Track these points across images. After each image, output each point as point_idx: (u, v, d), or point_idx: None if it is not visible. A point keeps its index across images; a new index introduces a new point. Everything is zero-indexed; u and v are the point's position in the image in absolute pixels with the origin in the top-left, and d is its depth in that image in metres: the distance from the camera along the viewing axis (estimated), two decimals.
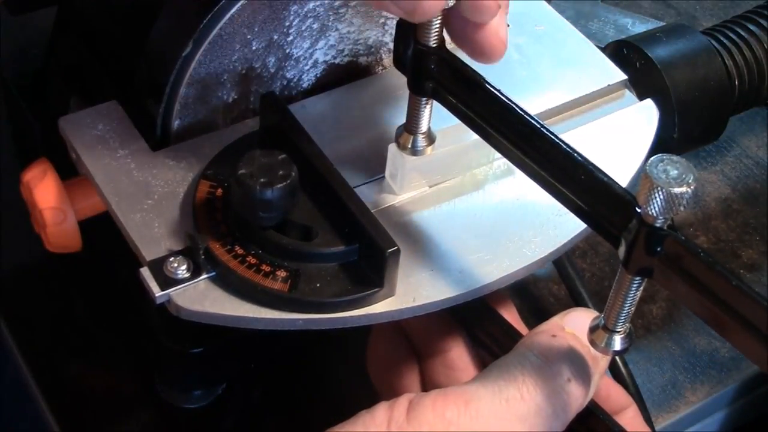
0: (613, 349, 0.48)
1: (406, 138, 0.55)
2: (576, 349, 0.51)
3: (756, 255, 0.77)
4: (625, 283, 0.46)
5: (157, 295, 0.51)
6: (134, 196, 0.55)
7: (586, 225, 0.49)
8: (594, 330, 0.48)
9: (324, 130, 0.59)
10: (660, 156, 0.43)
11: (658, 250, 0.44)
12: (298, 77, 0.61)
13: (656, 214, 0.43)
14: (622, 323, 0.47)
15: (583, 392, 0.50)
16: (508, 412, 0.48)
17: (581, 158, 0.48)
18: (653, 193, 0.43)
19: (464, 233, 0.56)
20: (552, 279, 0.74)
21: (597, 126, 0.61)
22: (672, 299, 0.74)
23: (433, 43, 0.51)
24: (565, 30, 0.66)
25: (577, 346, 0.51)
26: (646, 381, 0.70)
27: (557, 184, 0.49)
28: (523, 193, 0.57)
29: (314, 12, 0.59)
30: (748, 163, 0.83)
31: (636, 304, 0.47)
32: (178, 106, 0.57)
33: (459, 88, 0.52)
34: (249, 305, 0.51)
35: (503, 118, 0.50)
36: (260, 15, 0.57)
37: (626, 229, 0.45)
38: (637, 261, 0.45)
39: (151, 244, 0.53)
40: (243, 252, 0.52)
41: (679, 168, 0.43)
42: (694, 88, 0.66)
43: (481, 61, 0.52)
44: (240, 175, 0.50)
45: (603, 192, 0.47)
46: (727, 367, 0.72)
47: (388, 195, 0.57)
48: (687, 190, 0.42)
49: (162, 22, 0.58)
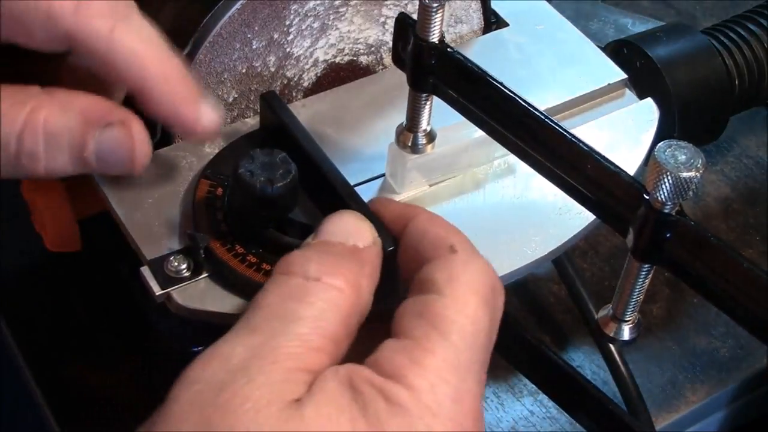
0: (621, 339, 0.48)
1: (406, 136, 0.55)
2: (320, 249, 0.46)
3: (756, 255, 0.77)
4: (634, 272, 0.46)
5: (158, 294, 0.51)
6: (135, 195, 0.55)
7: (594, 215, 0.49)
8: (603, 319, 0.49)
9: (324, 129, 0.59)
10: (668, 141, 0.43)
11: (667, 236, 0.44)
12: (299, 76, 0.61)
13: (665, 199, 0.43)
14: (630, 312, 0.48)
15: (338, 283, 0.45)
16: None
17: (587, 148, 0.48)
18: (662, 178, 0.43)
19: (464, 232, 0.55)
20: (552, 278, 0.74)
21: (597, 125, 0.61)
22: (672, 299, 0.74)
23: (434, 37, 0.51)
24: (566, 29, 0.66)
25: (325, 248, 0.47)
26: (646, 381, 0.70)
27: (563, 174, 0.49)
28: (524, 192, 0.58)
29: (314, 11, 0.59)
30: (748, 163, 0.83)
31: (644, 293, 0.47)
32: None
33: (461, 82, 0.52)
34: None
35: (507, 111, 0.50)
36: (260, 14, 0.57)
37: (634, 217, 0.45)
38: (645, 248, 0.45)
39: (151, 243, 0.53)
40: (243, 251, 0.52)
41: (687, 153, 0.43)
42: (695, 87, 0.66)
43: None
44: (240, 174, 0.50)
45: (610, 180, 0.47)
46: (727, 367, 0.72)
47: (388, 194, 0.57)
48: (696, 174, 0.42)
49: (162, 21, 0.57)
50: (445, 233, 0.48)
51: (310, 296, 0.44)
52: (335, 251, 0.46)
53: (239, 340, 0.42)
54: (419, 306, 0.45)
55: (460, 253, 0.46)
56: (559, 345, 0.72)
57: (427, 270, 0.46)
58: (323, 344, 0.43)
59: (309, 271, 0.44)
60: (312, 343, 0.43)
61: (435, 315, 0.44)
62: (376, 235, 0.48)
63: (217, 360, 0.42)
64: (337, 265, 0.45)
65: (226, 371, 0.41)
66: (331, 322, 0.43)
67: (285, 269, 0.45)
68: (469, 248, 0.47)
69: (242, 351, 0.42)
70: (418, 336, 0.43)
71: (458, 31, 0.65)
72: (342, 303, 0.44)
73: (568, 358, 0.71)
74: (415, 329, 0.44)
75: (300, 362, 0.42)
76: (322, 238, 0.47)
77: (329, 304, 0.44)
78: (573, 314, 0.72)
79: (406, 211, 0.50)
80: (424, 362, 0.42)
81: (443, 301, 0.44)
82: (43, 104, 0.49)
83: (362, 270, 0.46)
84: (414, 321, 0.44)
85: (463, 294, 0.45)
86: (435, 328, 0.44)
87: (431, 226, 0.48)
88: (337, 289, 0.44)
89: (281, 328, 0.43)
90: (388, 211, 0.50)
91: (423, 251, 0.47)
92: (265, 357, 0.42)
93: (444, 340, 0.43)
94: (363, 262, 0.46)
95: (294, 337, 0.42)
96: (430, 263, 0.46)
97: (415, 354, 0.43)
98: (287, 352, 0.42)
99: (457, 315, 0.44)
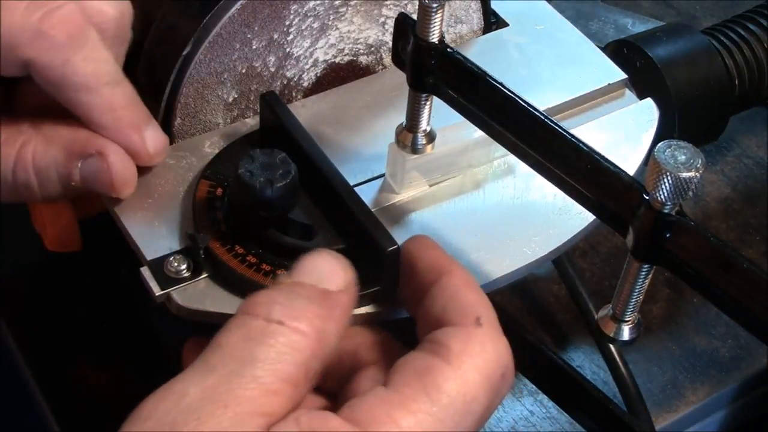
0: (621, 339, 0.48)
1: (406, 136, 0.55)
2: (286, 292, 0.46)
3: (756, 255, 0.77)
4: (633, 272, 0.46)
5: (157, 294, 0.51)
6: (134, 196, 0.55)
7: (594, 215, 0.49)
8: (603, 319, 0.49)
9: (324, 129, 0.59)
10: (668, 141, 0.43)
11: (667, 236, 0.44)
12: (299, 76, 0.61)
13: (664, 199, 0.43)
14: (630, 312, 0.48)
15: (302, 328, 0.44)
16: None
17: (587, 148, 0.48)
18: (661, 178, 0.43)
19: (464, 232, 0.56)
20: (552, 278, 0.74)
21: (597, 125, 0.61)
22: (672, 299, 0.74)
23: (434, 37, 0.51)
24: (566, 29, 0.66)
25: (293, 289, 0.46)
26: (646, 381, 0.70)
27: (563, 174, 0.49)
28: (523, 192, 0.58)
29: (314, 11, 0.59)
30: (748, 163, 0.83)
31: (644, 293, 0.47)
32: (178, 105, 0.57)
33: (461, 82, 0.52)
34: None
35: (507, 111, 0.50)
36: (260, 14, 0.57)
37: (634, 217, 0.45)
38: (645, 248, 0.45)
39: (151, 243, 0.53)
40: (243, 251, 0.52)
41: (687, 153, 0.43)
42: (695, 87, 0.66)
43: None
44: (240, 174, 0.50)
45: (610, 180, 0.47)
46: (727, 367, 0.72)
47: (388, 194, 0.57)
48: (695, 174, 0.42)
49: (162, 21, 0.58)
50: (475, 302, 0.47)
51: (270, 338, 0.43)
52: (304, 294, 0.45)
53: (195, 379, 0.42)
54: (421, 365, 0.44)
55: (484, 328, 0.46)
56: (559, 345, 0.72)
57: (445, 333, 0.46)
58: (280, 387, 0.42)
59: (272, 313, 0.44)
60: (269, 386, 0.42)
61: (432, 381, 0.44)
62: (351, 279, 0.47)
63: (170, 398, 0.41)
64: (303, 309, 0.44)
65: (178, 410, 0.41)
66: (290, 364, 0.43)
67: (249, 309, 0.44)
68: (495, 325, 0.47)
69: (195, 391, 0.41)
70: (407, 395, 0.43)
71: (458, 31, 0.65)
72: (303, 346, 0.43)
73: (568, 358, 0.71)
74: (408, 387, 0.44)
75: (254, 406, 0.41)
76: (295, 278, 0.46)
77: (288, 348, 0.43)
78: (573, 314, 0.72)
79: (443, 263, 0.49)
80: (400, 422, 0.42)
81: (446, 371, 0.44)
82: (31, 139, 0.53)
83: (330, 314, 0.45)
84: (410, 377, 0.44)
85: (469, 371, 0.44)
86: (426, 393, 0.43)
87: (463, 290, 0.48)
88: (300, 332, 0.43)
89: (238, 369, 0.42)
90: (425, 256, 0.50)
91: (448, 312, 0.47)
92: (217, 400, 0.41)
93: (429, 407, 0.43)
94: (332, 306, 0.45)
95: (250, 379, 0.42)
96: (450, 327, 0.46)
97: (395, 411, 0.43)
98: (241, 395, 0.41)
99: (454, 389, 0.44)
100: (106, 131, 0.53)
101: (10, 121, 0.53)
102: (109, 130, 0.53)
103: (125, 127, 0.53)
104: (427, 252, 0.50)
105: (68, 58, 0.51)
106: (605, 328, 0.48)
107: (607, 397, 0.53)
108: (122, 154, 0.53)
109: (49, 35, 0.50)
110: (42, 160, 0.53)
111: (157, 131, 0.55)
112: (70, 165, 0.53)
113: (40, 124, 0.53)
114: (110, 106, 0.53)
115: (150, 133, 0.54)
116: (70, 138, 0.53)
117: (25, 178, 0.53)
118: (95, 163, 0.53)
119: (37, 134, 0.53)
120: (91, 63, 0.52)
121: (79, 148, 0.53)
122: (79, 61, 0.51)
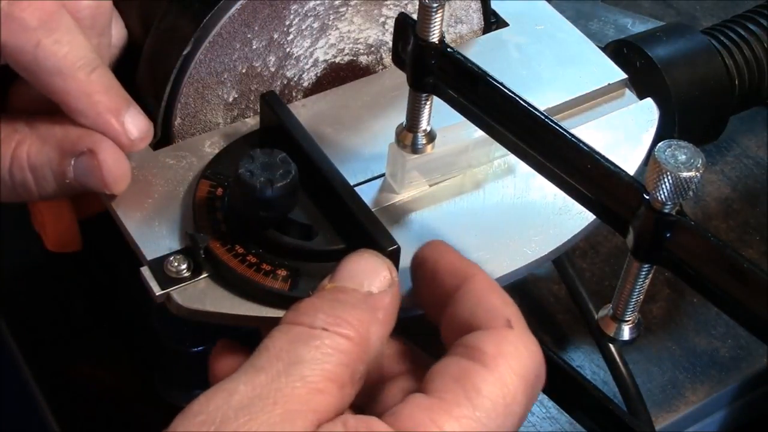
0: (621, 339, 0.48)
1: (406, 136, 0.55)
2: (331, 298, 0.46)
3: (756, 255, 0.77)
4: (634, 272, 0.46)
5: (158, 294, 0.51)
6: (134, 196, 0.55)
7: (594, 215, 0.49)
8: (603, 319, 0.49)
9: (324, 129, 0.59)
10: (668, 141, 0.43)
11: (667, 236, 0.44)
12: (299, 76, 0.61)
13: (665, 199, 0.43)
14: (630, 312, 0.48)
15: (345, 336, 0.45)
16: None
17: (587, 148, 0.48)
18: (662, 178, 0.43)
19: (464, 232, 0.56)
20: (552, 279, 0.74)
21: (597, 125, 0.61)
22: (672, 299, 0.74)
23: (434, 37, 0.51)
24: (566, 29, 0.66)
25: (336, 295, 0.46)
26: (646, 381, 0.70)
27: (563, 174, 0.49)
28: (523, 192, 0.57)
29: (314, 11, 0.59)
30: (748, 163, 0.83)
31: (644, 293, 0.47)
32: (178, 105, 0.57)
33: (461, 82, 0.52)
34: (249, 304, 0.51)
35: (507, 111, 0.50)
36: (260, 14, 0.57)
37: (635, 216, 0.45)
38: (645, 248, 0.45)
39: (151, 243, 0.53)
40: (243, 251, 0.52)
41: (687, 153, 0.43)
42: (695, 87, 0.66)
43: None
44: (240, 174, 0.50)
45: (610, 180, 0.47)
46: (727, 367, 0.72)
47: (388, 194, 0.57)
48: (696, 174, 0.42)
49: (162, 21, 0.58)
50: (503, 304, 0.47)
51: (315, 340, 0.44)
52: (346, 300, 0.46)
53: (244, 379, 0.43)
54: (458, 370, 0.44)
55: (515, 330, 0.46)
56: (559, 345, 0.72)
57: (477, 337, 0.46)
58: (327, 386, 0.43)
59: (316, 322, 0.44)
60: (315, 385, 0.43)
61: (472, 385, 0.44)
62: (394, 278, 0.47)
63: (221, 395, 0.42)
64: (347, 315, 0.45)
65: (228, 407, 0.41)
66: (336, 365, 0.43)
67: (293, 319, 0.45)
68: (524, 325, 0.47)
69: (245, 389, 0.42)
70: (448, 399, 0.43)
71: (458, 31, 0.65)
72: (347, 349, 0.44)
73: (568, 358, 0.71)
74: (448, 392, 0.44)
75: (302, 403, 0.42)
76: (337, 282, 0.47)
77: (333, 350, 0.44)
78: (573, 314, 0.72)
79: (464, 268, 0.49)
80: (444, 427, 0.42)
81: (484, 374, 0.44)
82: (26, 138, 0.53)
83: (373, 317, 0.46)
84: (449, 383, 0.44)
85: (507, 372, 0.44)
86: (467, 398, 0.43)
87: (489, 293, 0.48)
88: (344, 336, 0.44)
89: (285, 369, 0.43)
90: (445, 261, 0.50)
91: (477, 316, 0.47)
92: (266, 397, 0.42)
93: (472, 412, 0.43)
94: (375, 309, 0.46)
95: (297, 378, 0.42)
96: (481, 331, 0.46)
97: (438, 416, 0.43)
98: (289, 393, 0.42)
99: (494, 392, 0.44)
100: (84, 117, 0.53)
101: (5, 121, 0.53)
102: (87, 116, 0.53)
103: (103, 113, 0.53)
104: (446, 257, 0.50)
105: (39, 40, 0.51)
106: (605, 328, 0.48)
107: (607, 397, 0.53)
108: (114, 150, 0.53)
109: (18, 18, 0.50)
110: (37, 158, 0.53)
111: (138, 116, 0.54)
112: (64, 163, 0.53)
113: (35, 123, 0.54)
114: (86, 90, 0.52)
115: (130, 118, 0.54)
116: (63, 135, 0.53)
117: (22, 177, 0.53)
118: (87, 161, 0.53)
119: (32, 133, 0.53)
120: (63, 46, 0.51)
121: (71, 146, 0.53)
122: (50, 45, 0.51)
